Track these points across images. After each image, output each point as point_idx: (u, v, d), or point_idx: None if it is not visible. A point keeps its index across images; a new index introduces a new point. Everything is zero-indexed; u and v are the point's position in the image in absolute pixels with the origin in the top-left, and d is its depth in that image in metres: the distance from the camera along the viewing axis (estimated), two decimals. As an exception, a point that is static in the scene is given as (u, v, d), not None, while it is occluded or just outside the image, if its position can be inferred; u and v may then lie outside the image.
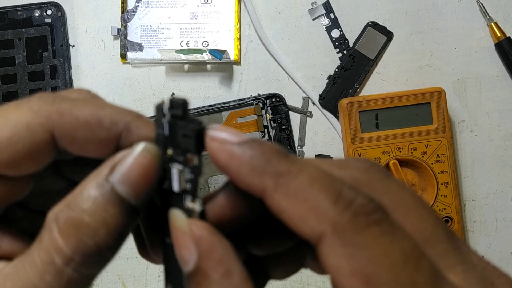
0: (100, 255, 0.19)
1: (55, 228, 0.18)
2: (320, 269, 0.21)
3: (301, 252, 0.22)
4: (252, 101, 0.53)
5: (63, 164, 0.22)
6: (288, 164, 0.17)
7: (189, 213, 0.19)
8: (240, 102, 0.53)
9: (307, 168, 0.17)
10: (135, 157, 0.19)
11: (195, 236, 0.18)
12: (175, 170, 0.19)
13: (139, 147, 0.19)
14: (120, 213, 0.19)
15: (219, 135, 0.18)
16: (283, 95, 0.54)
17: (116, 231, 0.18)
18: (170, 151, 0.20)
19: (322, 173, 0.17)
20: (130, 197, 0.19)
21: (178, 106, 0.20)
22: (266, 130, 0.53)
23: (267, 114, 0.53)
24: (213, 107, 0.53)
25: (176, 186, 0.19)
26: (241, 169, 0.18)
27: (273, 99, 0.53)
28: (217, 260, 0.17)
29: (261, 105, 0.53)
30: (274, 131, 0.53)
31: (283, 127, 0.53)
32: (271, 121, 0.53)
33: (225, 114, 0.53)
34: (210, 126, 0.19)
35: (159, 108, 0.21)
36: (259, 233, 0.21)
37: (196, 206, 0.19)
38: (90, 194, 0.18)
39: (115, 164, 0.19)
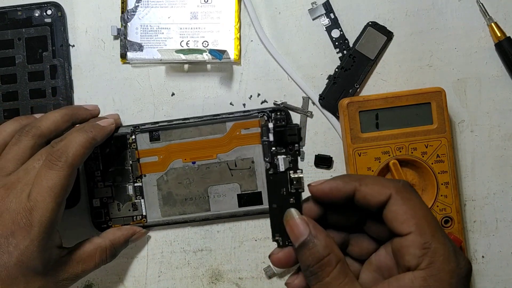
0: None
1: None
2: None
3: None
4: (257, 114, 0.53)
5: None
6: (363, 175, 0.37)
7: (296, 194, 0.35)
8: (245, 113, 0.53)
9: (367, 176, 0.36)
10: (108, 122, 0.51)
11: (305, 220, 0.34)
12: (280, 158, 0.34)
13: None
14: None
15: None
16: (283, 95, 0.54)
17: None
18: (274, 149, 0.35)
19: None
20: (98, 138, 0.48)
21: (282, 119, 0.35)
22: None
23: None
24: (217, 117, 0.53)
25: (282, 167, 0.34)
26: (337, 185, 0.35)
27: (278, 113, 0.52)
28: (318, 228, 0.34)
29: (266, 118, 0.53)
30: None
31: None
32: None
33: (229, 124, 0.53)
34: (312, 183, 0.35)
35: (264, 125, 0.35)
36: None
37: (300, 174, 0.35)
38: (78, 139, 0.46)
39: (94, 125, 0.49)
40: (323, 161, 0.54)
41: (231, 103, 0.55)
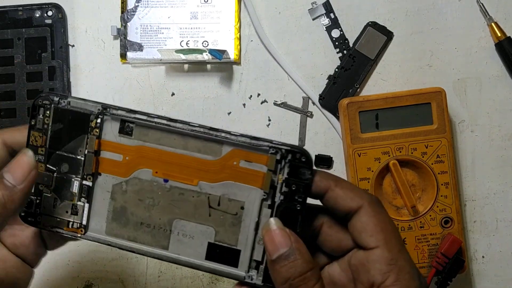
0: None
1: None
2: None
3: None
4: (267, 148, 0.35)
5: None
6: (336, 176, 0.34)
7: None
8: (253, 141, 0.35)
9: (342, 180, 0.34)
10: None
11: (286, 232, 0.33)
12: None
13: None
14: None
15: None
16: (283, 95, 0.54)
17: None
18: None
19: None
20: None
21: (301, 166, 0.35)
22: (272, 191, 0.35)
23: (281, 174, 0.35)
24: (214, 133, 0.36)
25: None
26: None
27: (297, 156, 0.35)
28: (300, 242, 0.33)
29: (278, 158, 0.35)
30: (282, 197, 0.35)
31: (296, 197, 0.35)
32: (284, 184, 0.35)
33: (227, 148, 0.36)
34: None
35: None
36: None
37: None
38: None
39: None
40: (323, 161, 0.54)
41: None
